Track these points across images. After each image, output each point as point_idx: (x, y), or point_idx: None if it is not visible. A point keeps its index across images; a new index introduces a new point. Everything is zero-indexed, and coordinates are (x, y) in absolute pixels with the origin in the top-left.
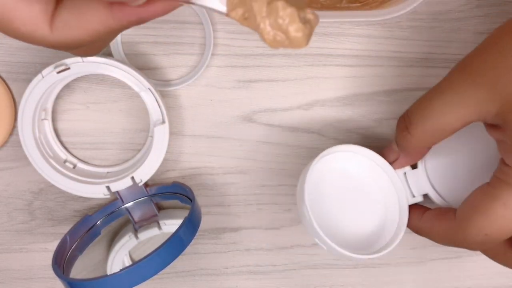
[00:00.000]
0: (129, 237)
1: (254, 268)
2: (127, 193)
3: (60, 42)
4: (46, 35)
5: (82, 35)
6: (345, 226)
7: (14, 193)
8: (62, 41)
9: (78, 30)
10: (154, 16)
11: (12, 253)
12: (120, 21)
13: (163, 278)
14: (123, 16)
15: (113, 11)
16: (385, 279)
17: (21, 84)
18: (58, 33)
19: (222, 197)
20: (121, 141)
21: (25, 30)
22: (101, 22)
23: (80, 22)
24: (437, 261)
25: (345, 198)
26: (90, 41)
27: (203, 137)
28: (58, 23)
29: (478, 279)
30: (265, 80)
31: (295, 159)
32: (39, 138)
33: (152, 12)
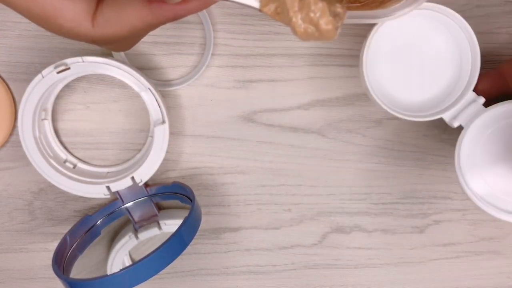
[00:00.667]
0: (129, 237)
1: (254, 268)
2: (127, 193)
3: (100, 37)
4: (88, 31)
5: (122, 31)
6: (407, 89)
7: (14, 193)
8: (103, 37)
9: (118, 26)
10: (190, 13)
11: (12, 253)
12: (158, 18)
13: (163, 278)
14: (161, 13)
15: (151, 9)
16: (385, 279)
17: (21, 84)
18: (100, 29)
19: (222, 197)
20: (121, 141)
21: (69, 26)
22: (140, 19)
23: (121, 18)
24: (437, 261)
25: (411, 60)
26: (128, 37)
27: (203, 137)
28: (100, 20)
29: (478, 279)
30: (265, 80)
31: (295, 159)
32: (39, 138)
33: (189, 9)
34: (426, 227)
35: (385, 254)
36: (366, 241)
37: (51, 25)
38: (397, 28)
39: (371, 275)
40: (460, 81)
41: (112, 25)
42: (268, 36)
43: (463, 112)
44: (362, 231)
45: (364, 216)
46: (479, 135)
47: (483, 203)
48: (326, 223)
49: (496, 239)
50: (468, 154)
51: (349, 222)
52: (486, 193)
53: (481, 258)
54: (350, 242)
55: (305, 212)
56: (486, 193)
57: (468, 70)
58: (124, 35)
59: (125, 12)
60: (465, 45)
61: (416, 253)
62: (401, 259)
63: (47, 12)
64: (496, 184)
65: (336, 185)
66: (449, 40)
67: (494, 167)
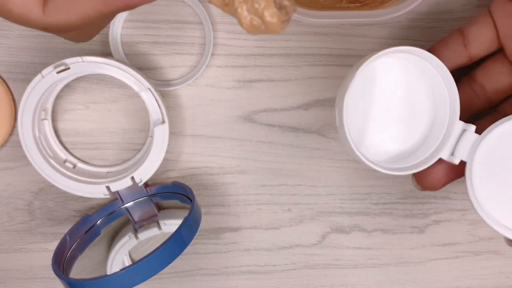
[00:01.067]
0: (129, 237)
1: (254, 268)
2: (127, 193)
3: (51, 25)
4: (38, 17)
5: (73, 18)
6: (380, 134)
7: (14, 193)
8: (54, 24)
9: (69, 14)
10: (140, 3)
11: (12, 253)
12: (109, 7)
13: (163, 278)
14: (111, 1)
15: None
16: (385, 279)
17: (21, 84)
18: (50, 16)
19: (222, 197)
20: (121, 141)
21: (19, 12)
22: (92, 7)
23: (72, 6)
24: (437, 261)
25: (389, 106)
26: (81, 25)
27: (203, 137)
28: (51, 6)
29: (478, 279)
30: (265, 80)
31: (295, 159)
32: (39, 138)
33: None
34: (426, 227)
35: (385, 254)
36: (366, 241)
37: (1, 10)
38: (373, 74)
39: (371, 275)
40: (440, 115)
41: (63, 13)
42: (268, 36)
43: (459, 146)
44: (362, 231)
45: (364, 216)
46: (486, 165)
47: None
48: (326, 223)
49: (496, 239)
50: (482, 185)
51: (349, 222)
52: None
53: (481, 258)
54: (350, 242)
55: (305, 212)
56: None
57: (446, 101)
58: (76, 23)
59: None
60: (436, 77)
61: (416, 253)
62: (401, 259)
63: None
64: None
65: (336, 185)
66: (420, 80)
67: (509, 191)
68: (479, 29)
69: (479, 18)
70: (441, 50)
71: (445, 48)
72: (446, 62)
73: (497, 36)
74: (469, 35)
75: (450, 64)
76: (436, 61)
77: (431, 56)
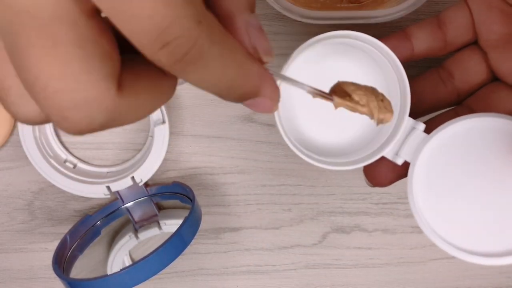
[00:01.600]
0: (129, 237)
1: (254, 268)
2: (127, 193)
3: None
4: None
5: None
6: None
7: (14, 193)
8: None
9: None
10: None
11: (12, 253)
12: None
13: (163, 278)
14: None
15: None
16: (385, 279)
17: None
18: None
19: (222, 197)
20: (121, 141)
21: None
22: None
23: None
24: (437, 261)
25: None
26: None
27: (203, 137)
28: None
29: (478, 279)
30: None
31: (295, 159)
32: (39, 138)
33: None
34: None
35: (385, 254)
36: (366, 241)
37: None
38: (312, 59)
39: (371, 275)
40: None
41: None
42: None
43: (404, 145)
44: (362, 231)
45: (364, 216)
46: (429, 166)
47: (445, 243)
48: (326, 223)
49: None
50: (423, 190)
51: (349, 222)
52: (448, 230)
53: None
54: (350, 242)
55: (305, 212)
56: (448, 230)
57: (397, 96)
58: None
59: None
60: (387, 69)
61: (416, 253)
62: (401, 259)
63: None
64: (457, 218)
65: (336, 185)
66: (369, 67)
67: (453, 199)
68: (455, 13)
69: (455, 5)
70: (414, 31)
71: (419, 29)
72: (419, 43)
73: (473, 23)
74: (444, 18)
75: (424, 45)
76: (384, 48)
77: (379, 43)
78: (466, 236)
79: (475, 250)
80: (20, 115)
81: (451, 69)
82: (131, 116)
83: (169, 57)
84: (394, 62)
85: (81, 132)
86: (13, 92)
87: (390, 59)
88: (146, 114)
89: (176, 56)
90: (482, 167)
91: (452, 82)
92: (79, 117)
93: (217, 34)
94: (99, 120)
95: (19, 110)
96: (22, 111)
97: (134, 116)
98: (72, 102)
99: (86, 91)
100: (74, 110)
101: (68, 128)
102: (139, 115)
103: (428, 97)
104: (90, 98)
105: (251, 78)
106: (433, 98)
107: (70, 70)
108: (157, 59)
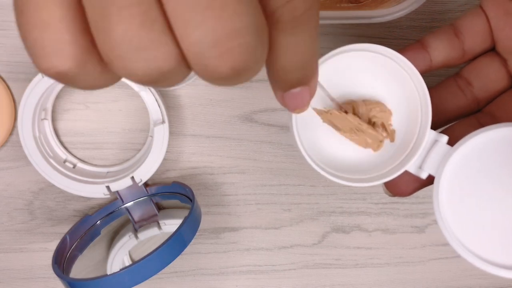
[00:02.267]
0: (129, 237)
1: (254, 268)
2: (127, 193)
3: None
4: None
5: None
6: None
7: (14, 193)
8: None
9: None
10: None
11: (12, 253)
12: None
13: (163, 278)
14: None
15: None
16: (385, 279)
17: (21, 84)
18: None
19: (222, 197)
20: (121, 141)
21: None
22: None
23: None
24: (437, 261)
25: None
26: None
27: (203, 137)
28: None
29: (478, 279)
30: (265, 80)
31: (295, 159)
32: (39, 138)
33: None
34: (426, 227)
35: (385, 254)
36: (366, 241)
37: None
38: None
39: (371, 275)
40: (411, 123)
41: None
42: None
43: (428, 158)
44: (362, 231)
45: (364, 216)
46: (455, 179)
47: (474, 256)
48: (326, 223)
49: None
50: (449, 203)
51: (349, 222)
52: (477, 244)
53: None
54: (350, 242)
55: (305, 212)
56: (477, 244)
57: (418, 109)
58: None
59: None
60: (406, 82)
61: (416, 253)
62: (401, 259)
63: None
64: (484, 230)
65: (336, 185)
66: (390, 80)
67: (480, 211)
68: (471, 20)
69: (471, 12)
70: (431, 41)
71: (435, 39)
72: (437, 53)
73: (490, 30)
74: (461, 26)
75: (442, 55)
76: (405, 61)
77: (399, 56)
78: (495, 249)
79: (504, 263)
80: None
81: (469, 77)
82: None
83: (290, 12)
84: (415, 75)
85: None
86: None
87: (411, 71)
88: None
89: (296, 12)
90: (508, 178)
91: (471, 90)
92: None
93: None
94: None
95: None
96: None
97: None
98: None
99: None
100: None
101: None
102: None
103: (448, 107)
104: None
105: (316, 60)
106: (453, 108)
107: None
108: (280, 12)
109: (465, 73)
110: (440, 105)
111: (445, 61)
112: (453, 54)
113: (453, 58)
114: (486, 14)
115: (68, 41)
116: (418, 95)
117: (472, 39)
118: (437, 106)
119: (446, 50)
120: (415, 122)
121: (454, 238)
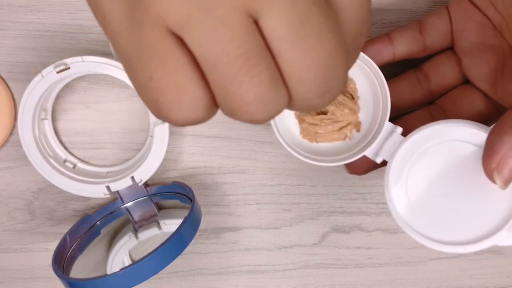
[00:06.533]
0: (129, 237)
1: (254, 268)
2: (127, 193)
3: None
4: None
5: None
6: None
7: (14, 193)
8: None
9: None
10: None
11: (12, 253)
12: None
13: (163, 278)
14: None
15: None
16: (385, 279)
17: (21, 84)
18: None
19: (222, 197)
20: (121, 141)
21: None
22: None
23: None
24: (437, 261)
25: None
26: None
27: (203, 137)
28: None
29: (478, 279)
30: None
31: (295, 159)
32: (39, 138)
33: None
34: None
35: (385, 254)
36: (366, 241)
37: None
38: None
39: (371, 275)
40: (374, 114)
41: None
42: None
43: (383, 146)
44: (362, 231)
45: (364, 216)
46: (404, 165)
47: (424, 238)
48: (326, 223)
49: None
50: (398, 185)
51: (349, 222)
52: (425, 226)
53: (481, 258)
54: (350, 242)
55: (305, 212)
56: (425, 226)
57: (379, 100)
58: None
59: None
60: (369, 75)
61: (416, 252)
62: (401, 259)
63: None
64: (429, 211)
65: (336, 185)
66: (359, 74)
67: (426, 193)
68: (436, 20)
69: (437, 11)
70: (397, 35)
71: (401, 33)
72: (401, 47)
73: (451, 30)
74: (426, 24)
75: (404, 49)
76: (365, 58)
77: (361, 53)
78: (437, 227)
79: (448, 240)
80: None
81: (428, 72)
82: None
83: (326, 101)
84: (376, 71)
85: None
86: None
87: (372, 68)
88: None
89: (331, 98)
90: (450, 166)
91: (428, 84)
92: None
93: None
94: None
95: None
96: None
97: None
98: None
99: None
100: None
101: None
102: None
103: (406, 97)
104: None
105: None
106: (410, 98)
107: None
108: (316, 103)
109: (425, 68)
110: (400, 94)
111: (407, 54)
112: (415, 48)
113: (414, 52)
114: (450, 15)
115: (201, 97)
116: (379, 88)
117: (434, 37)
118: (397, 96)
119: (410, 44)
120: (377, 114)
121: (399, 215)
